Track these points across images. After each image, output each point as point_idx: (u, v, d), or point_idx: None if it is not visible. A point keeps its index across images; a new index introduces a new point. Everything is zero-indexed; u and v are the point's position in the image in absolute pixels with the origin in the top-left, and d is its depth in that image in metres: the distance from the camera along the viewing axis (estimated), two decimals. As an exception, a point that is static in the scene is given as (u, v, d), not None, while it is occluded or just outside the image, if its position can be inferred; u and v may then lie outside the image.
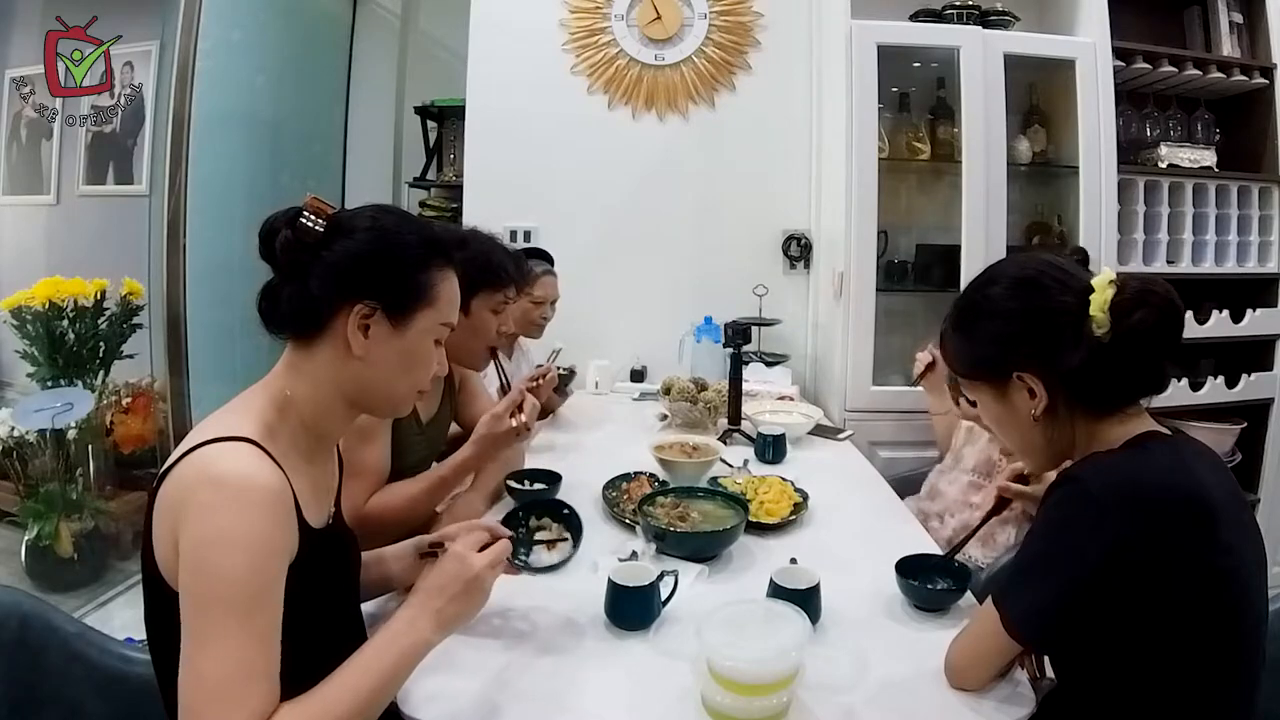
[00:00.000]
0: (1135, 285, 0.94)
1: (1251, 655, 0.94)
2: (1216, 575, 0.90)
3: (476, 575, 0.92)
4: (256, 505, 0.78)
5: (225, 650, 0.74)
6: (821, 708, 0.97)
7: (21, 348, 2.52)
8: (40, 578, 2.47)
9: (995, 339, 1.03)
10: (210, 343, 2.74)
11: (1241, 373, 2.62)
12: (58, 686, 1.06)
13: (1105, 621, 0.91)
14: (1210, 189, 2.62)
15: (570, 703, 0.99)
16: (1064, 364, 0.97)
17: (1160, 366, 0.98)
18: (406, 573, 1.14)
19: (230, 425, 0.84)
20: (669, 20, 2.81)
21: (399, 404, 0.98)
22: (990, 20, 2.53)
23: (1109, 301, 0.93)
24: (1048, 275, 1.00)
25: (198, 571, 0.76)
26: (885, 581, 1.24)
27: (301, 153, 3.36)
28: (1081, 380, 0.97)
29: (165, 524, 0.80)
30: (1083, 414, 0.99)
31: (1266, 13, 2.62)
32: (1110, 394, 0.98)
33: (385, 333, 0.91)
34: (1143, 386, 0.98)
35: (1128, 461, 0.94)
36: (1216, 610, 0.90)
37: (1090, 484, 0.92)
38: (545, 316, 2.27)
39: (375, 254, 0.91)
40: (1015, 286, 1.02)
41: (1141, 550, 0.87)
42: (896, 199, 2.68)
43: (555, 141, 2.87)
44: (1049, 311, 0.98)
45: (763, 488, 1.65)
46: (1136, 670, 0.92)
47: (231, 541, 0.76)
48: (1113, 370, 0.95)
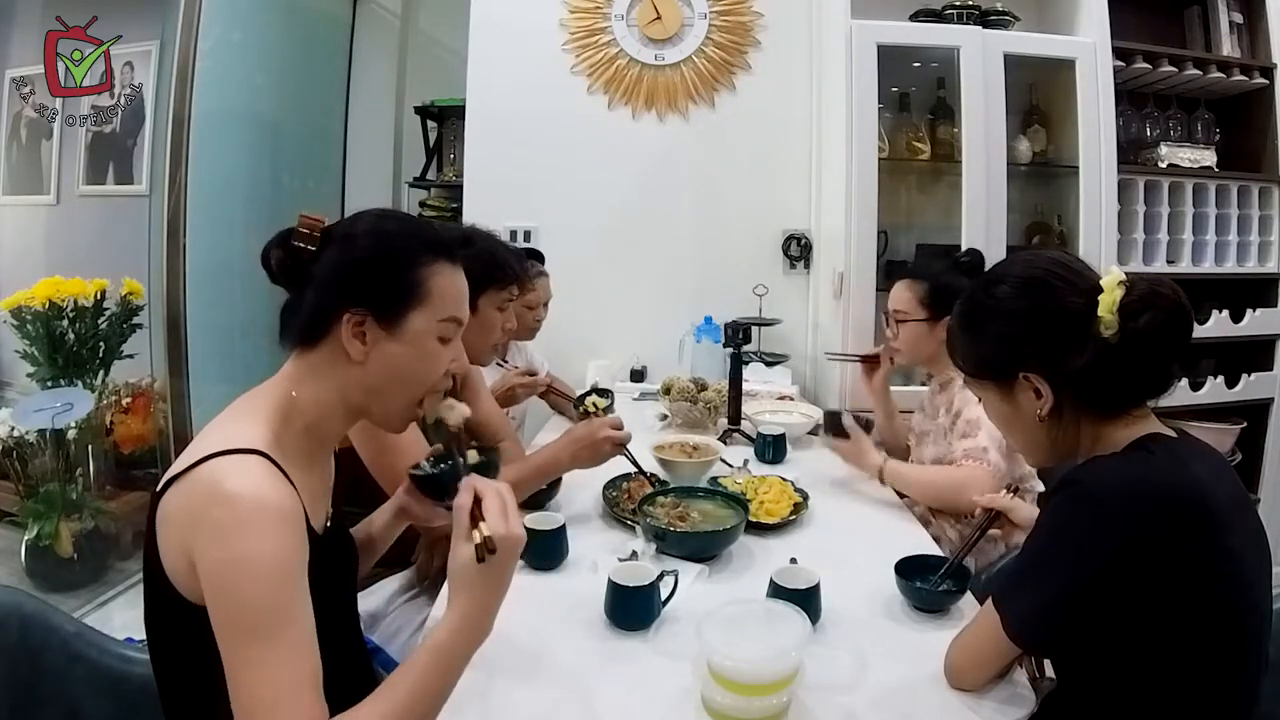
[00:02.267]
0: (1144, 286, 0.93)
1: (1255, 659, 0.93)
2: (1218, 579, 0.89)
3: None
4: (273, 524, 0.78)
5: (265, 676, 0.74)
6: (821, 708, 0.97)
7: (21, 348, 2.52)
8: (40, 578, 2.47)
9: (1001, 339, 1.02)
10: (210, 343, 2.74)
11: (1241, 373, 2.62)
12: (58, 686, 1.06)
13: (1106, 625, 0.90)
14: (1210, 189, 2.62)
15: (570, 703, 0.99)
16: (1070, 365, 0.96)
17: (1167, 368, 0.97)
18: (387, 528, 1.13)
19: (239, 435, 0.83)
20: (669, 20, 2.81)
21: (404, 411, 0.96)
22: (990, 20, 2.53)
23: (1117, 302, 0.92)
24: (1056, 275, 0.99)
25: (224, 596, 0.76)
26: (885, 582, 1.24)
27: (301, 153, 3.36)
28: (1087, 381, 0.96)
29: (174, 536, 0.80)
30: (1088, 415, 0.99)
31: (1266, 13, 2.62)
32: (1116, 395, 0.97)
33: (381, 337, 0.90)
34: (1149, 388, 0.98)
35: (1129, 465, 0.94)
36: (1218, 614, 0.89)
37: (1092, 488, 0.92)
38: (539, 318, 2.26)
39: (359, 260, 0.90)
40: (1022, 286, 1.01)
41: (1143, 554, 0.87)
42: (896, 199, 2.68)
43: (555, 141, 2.87)
44: (1056, 312, 0.97)
45: (763, 488, 1.65)
46: (1137, 673, 0.91)
47: (254, 565, 0.76)
48: (1119, 371, 0.95)
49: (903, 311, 1.83)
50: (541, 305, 2.25)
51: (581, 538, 1.40)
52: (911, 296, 1.82)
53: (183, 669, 0.85)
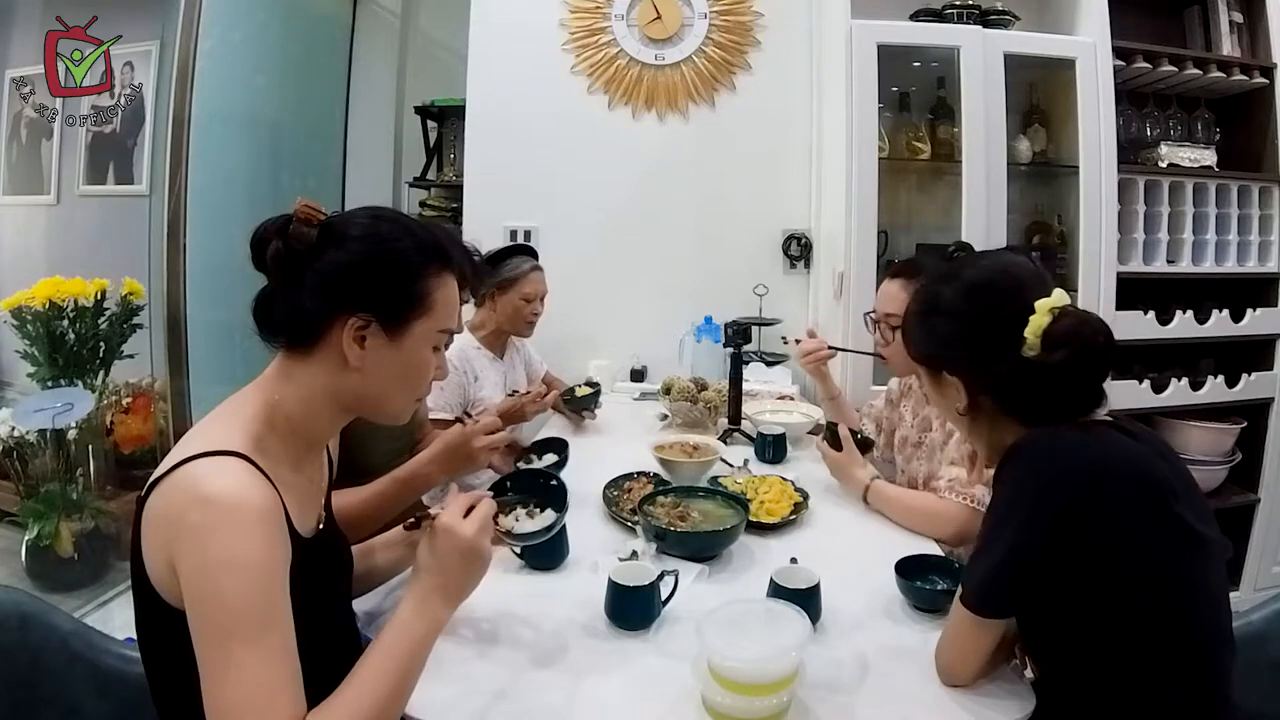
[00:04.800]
0: (1069, 322, 0.96)
1: (1211, 629, 0.95)
2: (1164, 546, 0.92)
3: (470, 544, 0.89)
4: (251, 525, 0.77)
5: (244, 675, 0.73)
6: (821, 708, 0.97)
7: (21, 348, 2.52)
8: (40, 578, 2.47)
9: (935, 335, 1.08)
10: (210, 343, 2.74)
11: (1241, 372, 2.62)
12: (58, 686, 1.06)
13: (1059, 591, 0.92)
14: (1210, 188, 2.62)
15: (570, 703, 0.99)
16: (991, 371, 1.01)
17: (1081, 397, 1.00)
18: (395, 564, 1.14)
19: (218, 438, 0.82)
20: (669, 20, 2.81)
21: (398, 413, 0.97)
22: (990, 20, 2.53)
23: (1042, 329, 0.96)
24: (1000, 284, 1.04)
25: (203, 599, 0.75)
26: (885, 581, 1.24)
27: (301, 153, 3.36)
28: (1006, 390, 1.01)
29: (156, 541, 0.80)
30: (1008, 419, 1.03)
31: (1266, 13, 2.61)
32: (1035, 408, 1.00)
33: (381, 344, 0.90)
34: (1067, 409, 1.00)
35: (1072, 436, 0.96)
36: (1168, 582, 0.92)
37: (1033, 454, 0.95)
38: (535, 313, 2.22)
39: (369, 264, 0.89)
40: (966, 290, 1.06)
41: (1090, 517, 0.90)
42: (896, 199, 2.68)
43: (555, 141, 2.87)
44: (988, 321, 1.01)
45: (763, 488, 1.65)
46: (1100, 646, 0.93)
47: (232, 566, 0.75)
48: (1036, 388, 0.98)
49: (897, 315, 1.65)
50: (538, 299, 2.21)
51: (581, 538, 1.40)
52: (906, 298, 1.65)
53: (172, 674, 0.85)
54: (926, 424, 1.76)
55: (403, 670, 0.83)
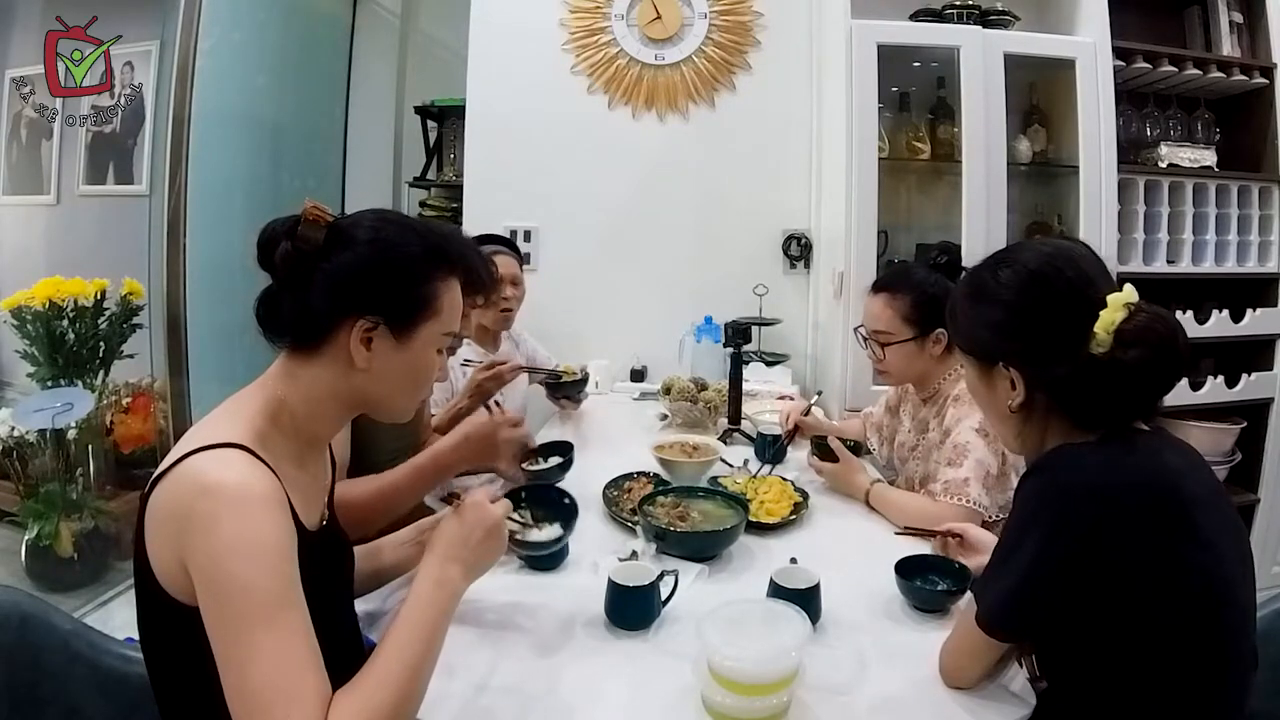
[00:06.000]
0: (1144, 318, 0.90)
1: (1237, 653, 0.92)
2: (1193, 569, 0.89)
3: (497, 521, 0.95)
4: (258, 508, 0.77)
5: (267, 658, 0.73)
6: (821, 708, 0.96)
7: (21, 348, 2.52)
8: (40, 578, 2.47)
9: (991, 325, 1.01)
10: (210, 343, 2.73)
11: (1241, 372, 2.62)
12: (58, 686, 1.06)
13: (1076, 614, 0.90)
14: (1210, 189, 2.62)
15: (570, 703, 0.99)
16: (1050, 370, 0.95)
17: (1149, 400, 0.95)
18: (402, 563, 1.14)
19: (220, 432, 0.82)
20: (669, 20, 2.82)
21: (401, 413, 0.98)
22: (990, 20, 2.53)
23: (1115, 324, 0.90)
24: (1063, 275, 0.96)
25: (218, 586, 0.75)
26: (885, 581, 1.24)
27: (301, 153, 3.35)
28: (1064, 390, 0.95)
29: (162, 537, 0.80)
30: (1059, 420, 0.98)
31: (1266, 13, 2.62)
32: (1091, 411, 0.95)
33: (388, 346, 0.90)
34: (1127, 412, 0.95)
35: (1098, 453, 0.93)
36: (1195, 605, 0.89)
37: (1059, 475, 0.92)
38: (505, 296, 2.13)
39: (377, 267, 0.89)
40: (1025, 278, 0.98)
41: (1111, 541, 0.87)
42: (896, 199, 2.68)
43: (555, 141, 2.87)
44: (1050, 315, 0.95)
45: (763, 488, 1.65)
46: (1119, 667, 0.91)
47: (244, 550, 0.75)
48: (1098, 390, 0.93)
49: (886, 333, 1.67)
50: (506, 283, 2.10)
51: (581, 538, 1.39)
52: (894, 314, 1.66)
53: (178, 673, 0.85)
54: (923, 426, 1.76)
55: (427, 638, 0.84)
